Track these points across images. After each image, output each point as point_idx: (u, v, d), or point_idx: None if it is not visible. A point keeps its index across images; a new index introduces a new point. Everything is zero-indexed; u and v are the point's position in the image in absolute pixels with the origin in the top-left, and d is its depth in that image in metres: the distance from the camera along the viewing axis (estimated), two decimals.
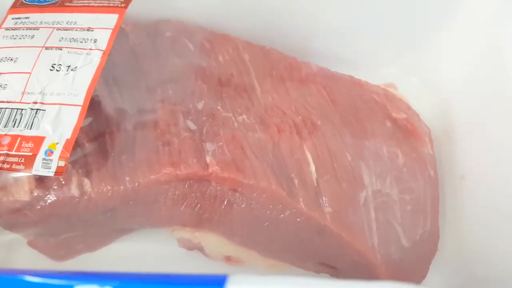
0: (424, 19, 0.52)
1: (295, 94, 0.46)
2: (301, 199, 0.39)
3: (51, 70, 0.39)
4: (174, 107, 0.42)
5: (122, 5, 0.43)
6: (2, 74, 0.39)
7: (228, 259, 0.45)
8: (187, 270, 0.45)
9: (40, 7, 0.43)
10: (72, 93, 0.38)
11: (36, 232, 0.43)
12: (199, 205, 0.40)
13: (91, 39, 0.41)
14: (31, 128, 0.37)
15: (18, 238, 0.44)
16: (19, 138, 0.36)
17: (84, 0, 0.43)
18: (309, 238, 0.40)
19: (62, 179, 0.37)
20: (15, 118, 0.37)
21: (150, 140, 0.40)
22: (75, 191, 0.38)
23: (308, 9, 0.51)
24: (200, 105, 0.43)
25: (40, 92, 0.38)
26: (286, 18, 0.52)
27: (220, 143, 0.40)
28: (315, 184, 0.40)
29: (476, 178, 0.47)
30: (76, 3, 0.43)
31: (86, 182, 0.38)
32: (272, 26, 0.52)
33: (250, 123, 0.42)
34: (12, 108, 0.37)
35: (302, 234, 0.40)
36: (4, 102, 0.38)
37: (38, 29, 0.42)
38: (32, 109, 0.37)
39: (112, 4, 0.43)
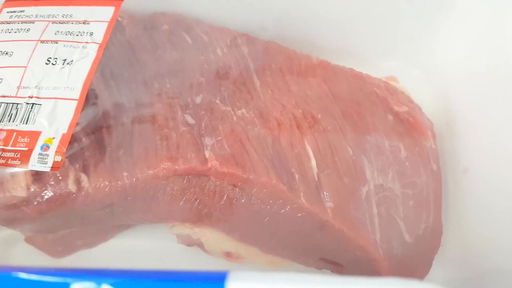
0: (424, 11, 0.51)
1: (295, 88, 0.45)
2: (301, 194, 0.39)
3: (46, 64, 0.39)
4: (172, 101, 0.42)
5: None
6: None
7: (228, 256, 0.45)
8: (186, 267, 0.45)
9: (36, 0, 0.43)
10: (68, 87, 0.38)
11: (34, 228, 0.42)
12: (198, 200, 0.40)
13: (87, 32, 0.41)
14: (27, 123, 0.37)
15: (16, 234, 0.44)
16: (15, 133, 0.36)
17: None
18: (310, 233, 0.40)
19: (59, 175, 0.37)
20: (11, 113, 0.37)
21: (148, 135, 0.40)
22: (72, 186, 0.37)
23: (307, 1, 0.51)
24: (198, 99, 0.43)
25: (36, 86, 0.38)
26: (285, 11, 0.52)
27: (219, 138, 0.40)
28: (316, 178, 0.40)
29: (479, 172, 0.46)
30: None
31: (84, 177, 0.38)
32: (271, 18, 0.51)
33: (249, 117, 0.42)
34: (7, 103, 0.38)
35: (303, 230, 0.40)
36: None
37: (33, 22, 0.42)
38: (28, 103, 0.37)
39: None
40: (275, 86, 0.45)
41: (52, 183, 0.37)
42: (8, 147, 0.35)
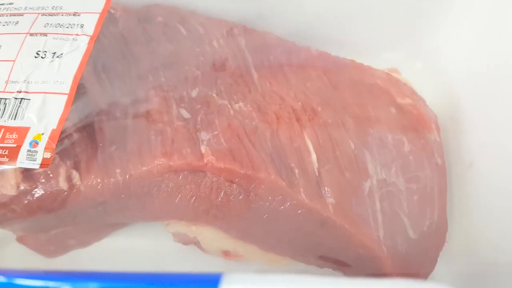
0: (427, 1, 0.51)
1: (294, 80, 0.45)
2: (302, 190, 0.38)
3: (35, 57, 0.39)
4: (166, 94, 0.41)
5: None
6: None
7: (226, 254, 0.44)
8: (183, 266, 0.45)
9: None
10: (57, 81, 0.37)
11: (25, 227, 0.42)
12: (194, 197, 0.39)
13: (78, 24, 0.40)
14: (15, 119, 0.36)
15: (7, 234, 0.43)
16: (3, 129, 0.35)
17: None
18: (310, 230, 0.40)
19: (49, 172, 0.37)
20: None
21: (142, 130, 0.39)
22: (63, 184, 0.37)
23: None
24: (194, 92, 0.42)
25: (25, 80, 0.37)
26: (284, 2, 0.51)
27: (216, 132, 0.39)
28: (317, 173, 0.39)
29: (485, 166, 0.46)
30: None
31: (75, 174, 0.37)
32: (270, 10, 0.51)
33: (247, 111, 0.41)
34: None
35: (304, 227, 0.39)
36: None
37: (22, 15, 0.41)
38: (16, 98, 0.37)
39: None
40: (274, 79, 0.45)
41: (43, 180, 0.37)
42: None
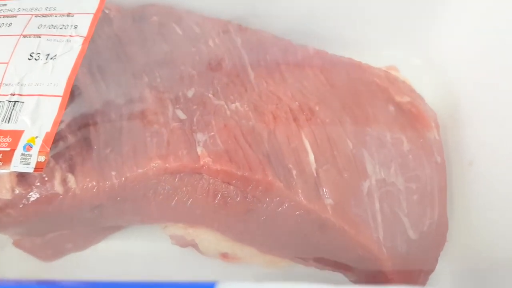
0: None
1: (291, 79, 0.44)
2: (300, 191, 0.38)
3: (29, 59, 0.38)
4: (162, 95, 0.41)
5: None
6: None
7: (224, 256, 0.44)
8: (181, 269, 0.45)
9: None
10: (51, 83, 0.37)
11: (21, 231, 0.42)
12: (191, 200, 0.39)
13: (71, 25, 0.40)
14: (9, 122, 0.36)
15: (3, 238, 0.43)
16: None
17: None
18: (309, 232, 0.39)
19: (44, 175, 0.37)
20: None
21: (137, 131, 0.39)
22: (58, 187, 0.37)
23: None
24: (190, 92, 0.42)
25: (18, 83, 0.37)
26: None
27: (212, 133, 0.39)
28: (315, 174, 0.39)
29: (485, 164, 0.45)
30: None
31: (70, 177, 0.37)
32: (264, 7, 0.51)
33: (243, 111, 0.41)
34: None
35: (302, 228, 0.39)
36: None
37: (15, 16, 0.41)
38: (10, 101, 0.37)
39: None
40: (270, 78, 0.44)
41: (38, 184, 0.37)
42: None
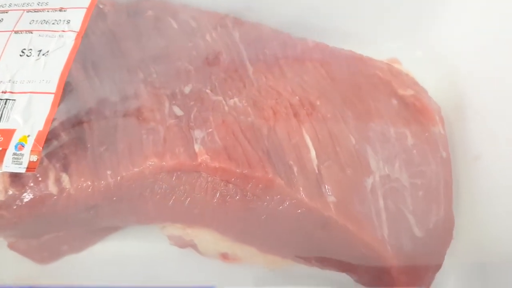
0: None
1: (290, 73, 0.44)
2: (301, 188, 0.38)
3: (21, 55, 0.38)
4: (158, 91, 0.41)
5: None
6: None
7: (224, 257, 0.44)
8: (179, 270, 0.44)
9: None
10: (44, 80, 0.37)
11: (16, 233, 0.42)
12: (189, 199, 0.39)
13: (64, 20, 0.40)
14: (0, 120, 0.35)
15: None
16: None
17: None
18: (311, 231, 0.39)
19: (38, 175, 0.37)
20: None
21: (133, 129, 0.38)
22: (52, 188, 0.36)
23: None
24: (187, 88, 0.42)
25: (10, 80, 0.37)
26: None
27: (210, 130, 0.39)
28: (316, 171, 0.39)
29: (492, 158, 0.45)
30: None
31: (64, 177, 0.37)
32: (263, 0, 0.50)
33: (242, 107, 0.41)
34: None
35: (304, 227, 0.39)
36: None
37: (7, 12, 0.41)
38: (1, 99, 0.37)
39: None
40: (269, 73, 0.44)
41: (32, 184, 0.36)
42: None
